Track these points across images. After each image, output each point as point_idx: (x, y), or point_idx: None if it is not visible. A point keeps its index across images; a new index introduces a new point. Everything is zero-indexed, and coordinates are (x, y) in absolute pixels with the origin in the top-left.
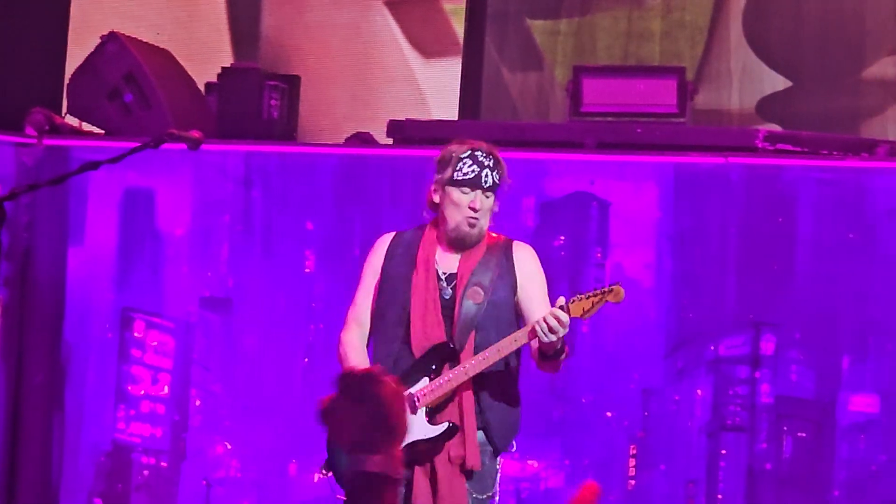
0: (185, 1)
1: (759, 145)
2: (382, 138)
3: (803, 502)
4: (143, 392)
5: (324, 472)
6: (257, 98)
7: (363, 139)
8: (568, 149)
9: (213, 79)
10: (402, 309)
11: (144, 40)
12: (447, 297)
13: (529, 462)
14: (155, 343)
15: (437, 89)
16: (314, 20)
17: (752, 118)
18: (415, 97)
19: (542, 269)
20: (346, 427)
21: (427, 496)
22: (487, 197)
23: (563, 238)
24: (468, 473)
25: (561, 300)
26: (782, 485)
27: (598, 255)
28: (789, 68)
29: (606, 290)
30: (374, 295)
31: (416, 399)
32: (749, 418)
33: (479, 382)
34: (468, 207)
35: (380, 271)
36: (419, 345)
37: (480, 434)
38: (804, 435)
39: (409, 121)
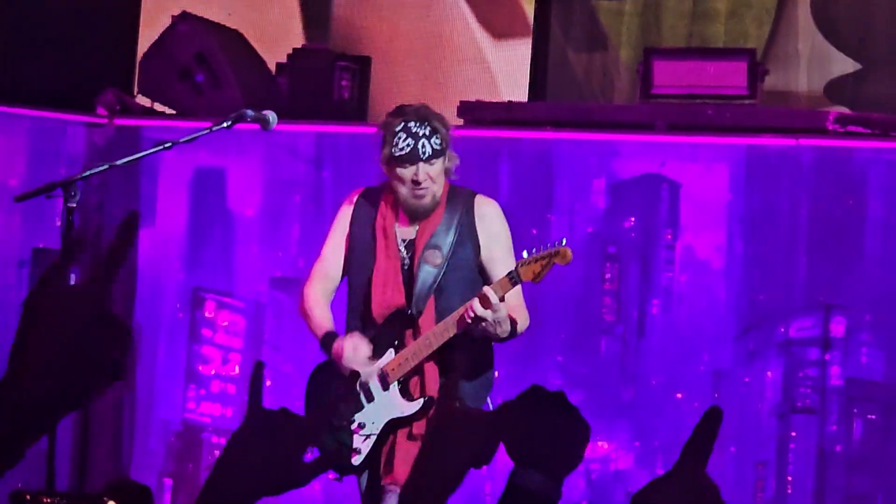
0: None
1: (830, 127)
2: (452, 119)
3: (873, 484)
4: (213, 372)
5: None
6: (328, 79)
7: None
8: (639, 130)
9: (284, 59)
10: (366, 277)
11: (215, 20)
12: (406, 267)
13: (599, 443)
14: (226, 323)
15: (507, 70)
16: (385, 2)
17: (820, 100)
18: (485, 78)
19: (506, 226)
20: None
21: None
22: (432, 164)
23: (633, 220)
24: (418, 439)
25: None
26: (852, 467)
27: (669, 236)
28: (858, 50)
29: (553, 251)
30: (345, 252)
31: (386, 375)
32: (819, 400)
33: (447, 353)
34: (411, 181)
35: (348, 228)
36: (379, 312)
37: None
38: (874, 417)
39: (479, 102)
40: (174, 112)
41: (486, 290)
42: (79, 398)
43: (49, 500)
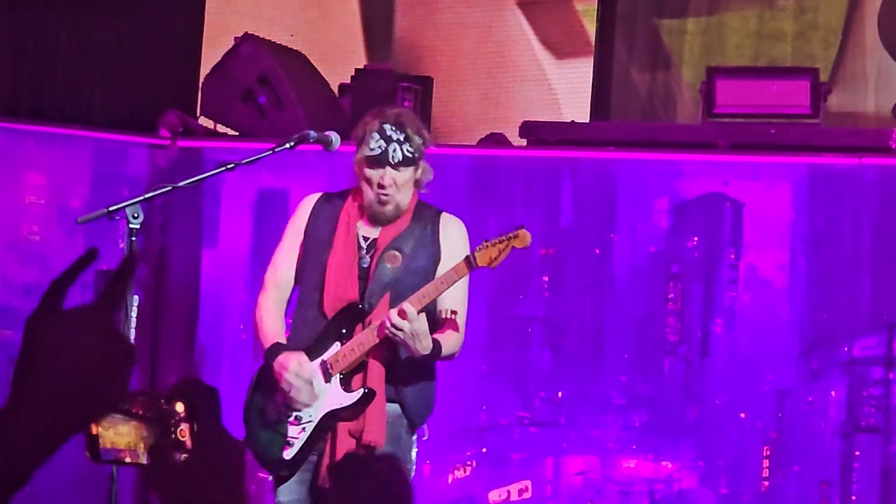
0: (318, 3)
1: (894, 146)
2: (514, 139)
3: None
4: None
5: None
6: (391, 99)
7: (497, 140)
8: (701, 150)
9: (347, 80)
10: (319, 274)
11: (278, 42)
12: (364, 266)
13: (663, 463)
14: None
15: (568, 90)
16: (446, 21)
17: (888, 121)
18: (546, 98)
19: (468, 244)
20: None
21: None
22: (400, 171)
23: (696, 239)
24: (368, 449)
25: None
26: None
27: (732, 256)
28: None
29: (511, 234)
30: (298, 257)
31: (329, 366)
32: (883, 419)
33: (392, 353)
34: (377, 185)
35: (303, 233)
36: (332, 307)
37: (395, 407)
38: None
39: (541, 122)
40: (237, 133)
41: (405, 303)
42: (83, 421)
43: (115, 416)
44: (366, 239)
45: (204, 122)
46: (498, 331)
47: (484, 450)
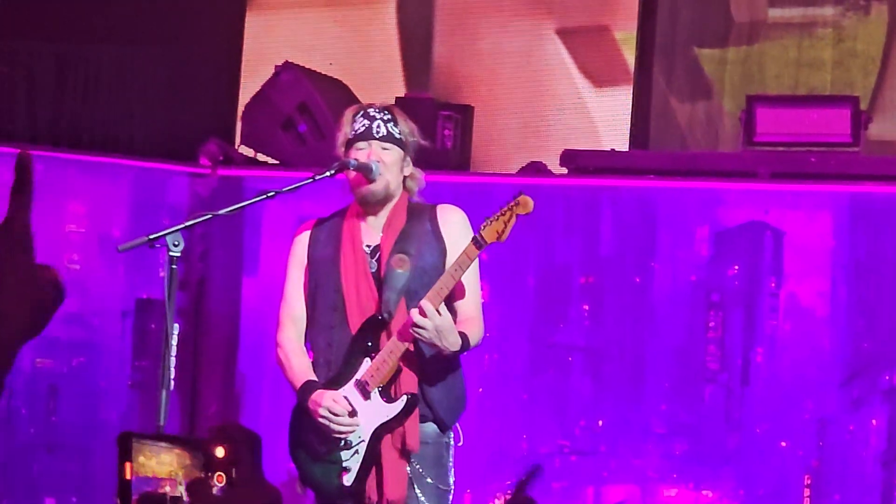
0: (357, 31)
1: None
2: (554, 167)
3: None
4: None
5: (300, 489)
6: (431, 128)
7: (537, 168)
8: (742, 178)
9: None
10: (334, 292)
11: (317, 70)
12: (374, 271)
13: (704, 492)
14: None
15: (607, 118)
16: (485, 49)
17: None
18: (585, 126)
19: (471, 231)
20: None
21: (373, 478)
22: (386, 149)
23: (737, 267)
24: (408, 454)
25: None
26: None
27: (773, 284)
28: None
29: (513, 203)
30: (305, 286)
31: (365, 383)
32: None
33: (418, 355)
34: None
35: (306, 260)
36: (356, 323)
37: (433, 426)
38: None
39: (582, 150)
40: (277, 162)
41: (423, 301)
42: (37, 324)
43: (154, 442)
44: (368, 246)
45: (244, 150)
46: (538, 359)
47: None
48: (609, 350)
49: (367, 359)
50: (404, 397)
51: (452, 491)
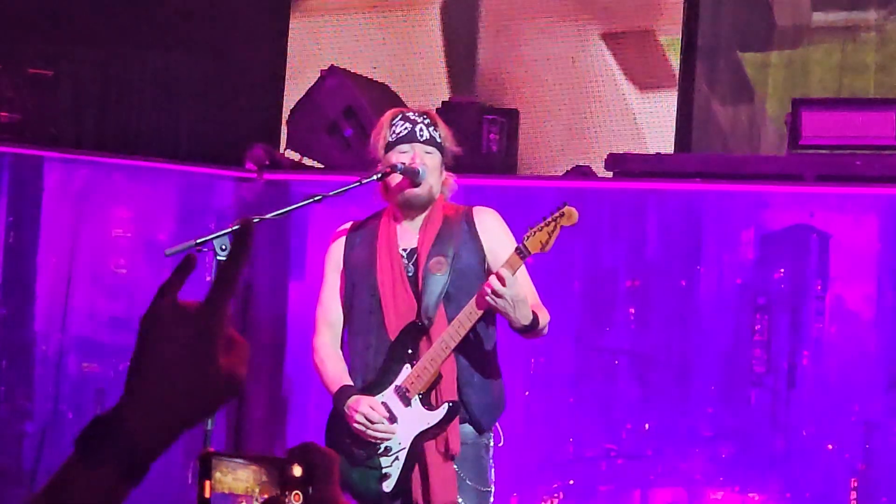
0: (402, 35)
1: None
2: (599, 171)
3: None
4: None
5: None
6: (476, 132)
7: (583, 172)
8: (788, 181)
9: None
10: (370, 296)
11: (362, 74)
12: (411, 274)
13: (750, 495)
14: None
15: (653, 122)
16: (530, 53)
17: None
18: (630, 130)
19: (508, 231)
20: None
21: (418, 485)
22: (428, 153)
23: (783, 271)
24: (451, 458)
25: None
26: None
27: (819, 287)
28: None
29: (557, 215)
30: (341, 290)
31: (405, 390)
32: None
33: (457, 361)
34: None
35: (342, 263)
36: (394, 327)
37: (470, 428)
38: None
39: (628, 154)
40: (323, 166)
41: (500, 268)
42: (198, 415)
43: (231, 458)
44: (405, 250)
45: (290, 154)
46: (585, 363)
47: (571, 482)
48: (655, 353)
49: (408, 365)
50: (446, 405)
51: (493, 491)
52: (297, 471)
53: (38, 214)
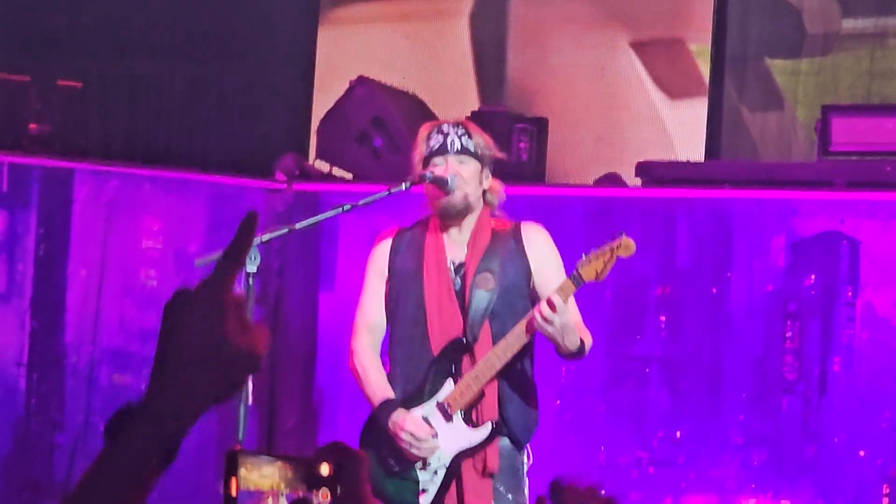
0: (430, 45)
1: None
2: (629, 179)
3: None
4: None
5: None
6: (506, 140)
7: (613, 180)
8: (817, 188)
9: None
10: (415, 307)
11: (390, 84)
12: (458, 289)
13: (782, 501)
14: None
15: (683, 130)
16: (559, 62)
17: None
18: (660, 138)
19: (556, 250)
20: None
21: (453, 500)
22: (462, 162)
23: (813, 277)
24: (489, 476)
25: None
26: None
27: (849, 294)
28: None
29: (615, 245)
30: (385, 295)
31: (447, 406)
32: None
33: (500, 380)
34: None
35: (387, 271)
36: (438, 341)
37: (506, 440)
38: None
39: (657, 161)
40: (352, 176)
41: (553, 294)
42: (221, 392)
43: (261, 458)
44: (453, 263)
45: (319, 165)
46: (616, 370)
47: (602, 490)
48: (686, 361)
49: (451, 380)
50: (489, 424)
51: (527, 500)
52: (326, 469)
53: (69, 226)
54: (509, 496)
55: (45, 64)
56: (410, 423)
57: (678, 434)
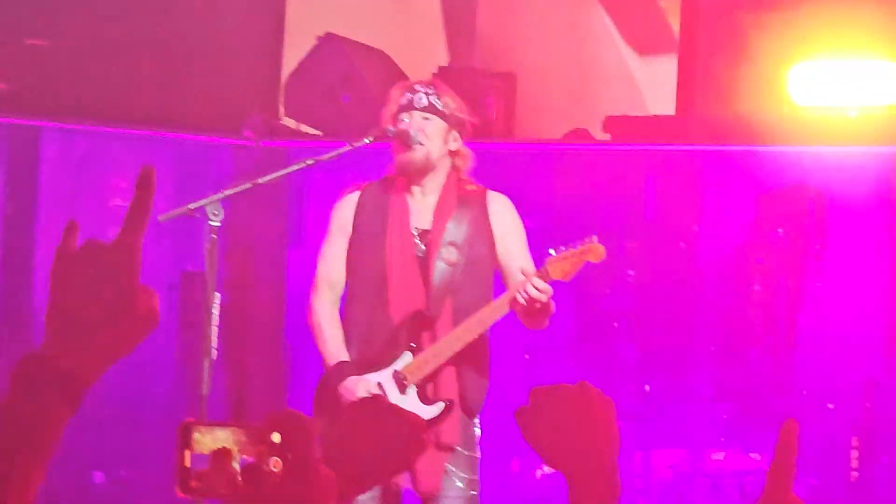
0: (400, 1)
1: None
2: (598, 135)
3: None
4: None
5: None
6: (474, 96)
7: (580, 136)
8: (786, 142)
9: (429, 78)
10: (377, 271)
11: (359, 41)
12: (421, 256)
13: (752, 455)
14: None
15: (653, 85)
16: (529, 18)
17: None
18: (630, 93)
19: (520, 221)
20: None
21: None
22: (427, 118)
23: (781, 230)
24: (446, 448)
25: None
26: None
27: (817, 246)
28: None
29: (584, 249)
30: (348, 254)
31: (403, 377)
32: None
33: (458, 357)
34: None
35: (350, 227)
36: (398, 308)
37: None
38: None
39: (625, 117)
40: (320, 133)
41: (549, 262)
42: (122, 346)
43: (213, 429)
44: (417, 229)
45: (287, 122)
46: (584, 326)
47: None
48: (656, 315)
49: (409, 352)
50: (441, 404)
51: (478, 454)
52: (276, 437)
53: (37, 185)
54: (462, 450)
55: (10, 23)
56: (361, 390)
57: (647, 388)
